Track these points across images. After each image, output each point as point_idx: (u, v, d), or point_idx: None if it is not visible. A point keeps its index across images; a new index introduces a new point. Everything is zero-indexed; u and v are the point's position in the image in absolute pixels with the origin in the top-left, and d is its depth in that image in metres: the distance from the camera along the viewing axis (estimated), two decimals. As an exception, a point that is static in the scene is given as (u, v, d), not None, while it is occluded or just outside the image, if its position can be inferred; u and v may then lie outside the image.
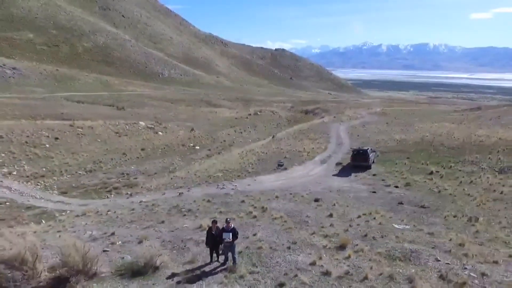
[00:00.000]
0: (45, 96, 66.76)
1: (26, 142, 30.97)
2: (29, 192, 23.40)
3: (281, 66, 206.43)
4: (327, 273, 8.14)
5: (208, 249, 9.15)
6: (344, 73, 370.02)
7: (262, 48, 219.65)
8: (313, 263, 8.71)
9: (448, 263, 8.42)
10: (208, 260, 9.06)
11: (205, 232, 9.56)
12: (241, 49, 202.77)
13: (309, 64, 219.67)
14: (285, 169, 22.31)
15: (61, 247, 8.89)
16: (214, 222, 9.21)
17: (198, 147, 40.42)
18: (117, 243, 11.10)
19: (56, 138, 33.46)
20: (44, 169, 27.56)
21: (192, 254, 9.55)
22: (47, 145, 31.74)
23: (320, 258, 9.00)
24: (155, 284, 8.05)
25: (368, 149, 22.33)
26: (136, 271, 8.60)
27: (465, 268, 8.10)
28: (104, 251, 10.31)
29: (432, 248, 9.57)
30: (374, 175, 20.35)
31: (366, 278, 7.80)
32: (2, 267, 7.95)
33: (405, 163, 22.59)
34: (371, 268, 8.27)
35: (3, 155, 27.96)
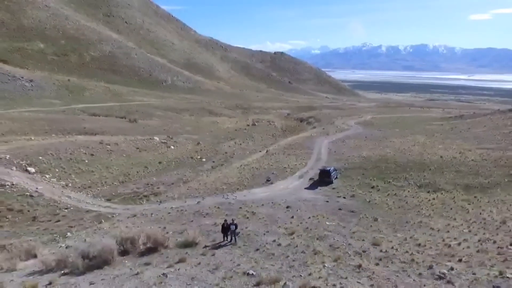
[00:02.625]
0: (63, 108, 76.13)
1: (71, 159, 40.36)
2: (84, 200, 32.78)
3: (280, 69, 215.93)
4: (280, 244, 17.48)
5: (222, 234, 18.51)
6: (344, 74, 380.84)
7: (261, 51, 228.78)
8: (274, 241, 18.06)
9: (337, 240, 17.76)
10: (222, 240, 18.41)
11: (220, 225, 18.96)
12: (240, 53, 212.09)
13: (308, 67, 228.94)
14: (272, 183, 31.72)
15: (149, 231, 18.22)
16: (225, 220, 18.62)
17: (204, 159, 49.85)
18: (170, 232, 20.47)
19: (92, 155, 42.85)
20: (89, 181, 37.00)
21: (213, 237, 18.93)
22: (86, 161, 41.14)
23: (279, 239, 18.36)
24: (197, 250, 17.40)
25: (330, 169, 31.69)
26: (187, 245, 17.94)
27: (343, 242, 17.43)
28: (164, 236, 19.61)
29: (337, 234, 18.93)
30: (333, 188, 29.72)
31: (296, 246, 17.16)
32: (128, 242, 17.32)
33: (358, 179, 31.96)
34: (301, 242, 17.61)
35: (57, 170, 37.37)
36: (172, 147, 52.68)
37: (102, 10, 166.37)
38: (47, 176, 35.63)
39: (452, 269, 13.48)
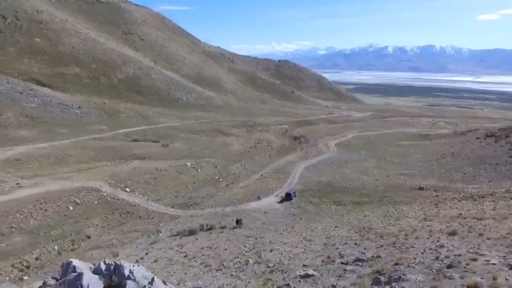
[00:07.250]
0: (112, 134, 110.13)
1: (145, 181, 74.26)
2: (159, 207, 66.56)
3: (284, 76, 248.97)
4: (258, 227, 51.27)
5: (236, 224, 52.31)
6: (350, 76, 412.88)
7: (266, 59, 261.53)
8: (256, 226, 51.88)
9: (280, 226, 51.22)
10: (235, 226, 52.19)
11: (235, 220, 52.93)
12: (246, 62, 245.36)
13: (310, 74, 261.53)
14: (260, 199, 65.49)
15: (207, 221, 51.94)
16: (237, 218, 52.60)
17: (220, 179, 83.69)
18: (214, 223, 54.31)
19: (154, 178, 76.76)
20: (157, 196, 70.82)
21: (232, 225, 52.90)
22: (152, 183, 75.02)
23: (258, 225, 52.11)
24: (227, 229, 51.24)
25: (292, 192, 65.12)
26: (222, 227, 51.84)
27: (282, 227, 50.81)
28: (212, 224, 53.41)
29: (282, 224, 52.42)
30: (291, 203, 63.29)
31: (265, 228, 50.80)
32: (200, 225, 51.25)
33: (306, 197, 65.40)
34: (266, 227, 51.30)
35: (139, 189, 71.28)
36: (199, 170, 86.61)
37: (121, 28, 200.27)
38: (136, 193, 69.72)
39: (307, 233, 46.87)
